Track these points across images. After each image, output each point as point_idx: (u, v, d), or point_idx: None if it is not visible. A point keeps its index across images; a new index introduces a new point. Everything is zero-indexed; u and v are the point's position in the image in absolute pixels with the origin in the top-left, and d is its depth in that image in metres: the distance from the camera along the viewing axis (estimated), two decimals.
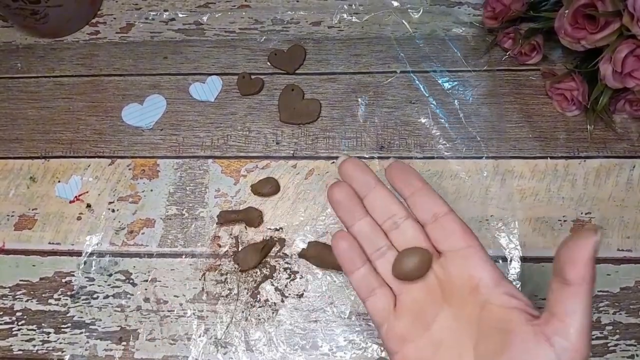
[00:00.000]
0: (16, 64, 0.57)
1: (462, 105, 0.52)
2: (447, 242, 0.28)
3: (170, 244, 0.48)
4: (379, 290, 0.29)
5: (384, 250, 0.29)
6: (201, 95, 0.53)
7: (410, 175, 0.30)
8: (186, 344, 0.45)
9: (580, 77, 0.48)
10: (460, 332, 0.26)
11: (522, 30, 0.50)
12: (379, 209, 0.30)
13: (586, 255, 0.22)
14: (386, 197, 0.30)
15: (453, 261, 0.27)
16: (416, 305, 0.28)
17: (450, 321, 0.27)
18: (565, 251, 0.23)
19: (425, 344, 0.27)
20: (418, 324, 0.28)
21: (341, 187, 0.30)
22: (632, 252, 0.46)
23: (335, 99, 0.53)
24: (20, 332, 0.46)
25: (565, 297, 0.23)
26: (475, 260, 0.27)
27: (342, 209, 0.30)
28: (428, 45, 0.55)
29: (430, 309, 0.28)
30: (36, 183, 0.51)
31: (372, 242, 0.30)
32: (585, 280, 0.22)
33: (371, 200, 0.30)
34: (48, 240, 0.49)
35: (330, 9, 0.57)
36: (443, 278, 0.28)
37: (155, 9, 0.59)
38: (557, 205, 0.48)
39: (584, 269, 0.22)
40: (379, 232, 0.30)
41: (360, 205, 0.30)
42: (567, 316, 0.23)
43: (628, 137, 0.50)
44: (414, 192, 0.29)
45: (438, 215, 0.28)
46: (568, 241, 0.23)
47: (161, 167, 0.51)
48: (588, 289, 0.23)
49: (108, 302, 0.47)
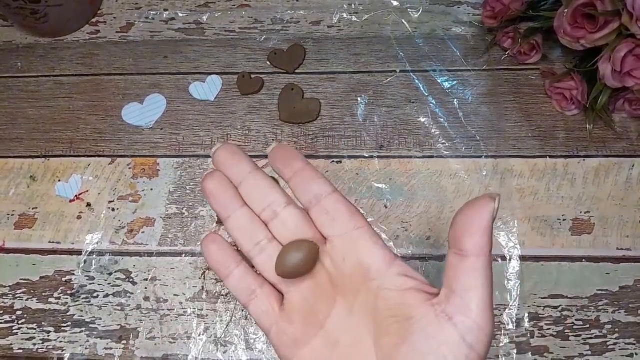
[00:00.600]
0: (16, 64, 0.57)
1: (461, 105, 0.52)
2: (333, 226, 0.25)
3: (170, 243, 0.48)
4: (259, 291, 0.26)
5: (264, 245, 0.26)
6: (201, 95, 0.53)
7: (291, 156, 0.26)
8: (186, 343, 0.45)
9: (579, 77, 0.48)
10: (357, 327, 0.24)
11: (521, 29, 0.50)
12: (256, 197, 0.26)
13: (484, 223, 0.21)
14: (263, 183, 0.27)
15: (341, 247, 0.25)
16: (306, 303, 0.25)
17: (344, 316, 0.25)
18: (461, 220, 0.22)
19: (321, 345, 0.25)
20: (310, 324, 0.25)
21: (214, 177, 0.27)
22: (632, 251, 0.46)
23: (335, 98, 0.53)
24: (20, 330, 0.46)
25: (464, 271, 0.21)
26: (363, 243, 0.24)
27: (216, 201, 0.27)
28: (428, 45, 0.55)
29: (322, 306, 0.25)
30: (36, 182, 0.52)
31: (250, 236, 0.26)
32: (483, 252, 0.21)
33: (246, 188, 0.27)
34: (48, 239, 0.49)
35: (330, 9, 0.58)
36: (332, 269, 0.25)
37: (155, 8, 0.59)
38: (556, 204, 0.48)
39: (481, 238, 0.21)
40: (258, 223, 0.27)
41: (235, 196, 0.27)
42: (466, 292, 0.21)
43: (627, 136, 0.50)
44: (295, 174, 0.26)
45: (321, 197, 0.25)
46: (464, 209, 0.22)
47: (161, 166, 0.51)
48: (487, 261, 0.21)
49: (108, 301, 0.47)
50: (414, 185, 0.49)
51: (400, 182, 0.49)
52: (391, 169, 0.50)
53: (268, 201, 0.26)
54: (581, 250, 0.46)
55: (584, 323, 0.44)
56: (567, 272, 0.46)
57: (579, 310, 0.44)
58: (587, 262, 0.46)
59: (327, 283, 0.25)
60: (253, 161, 0.28)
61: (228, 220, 0.27)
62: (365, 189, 0.49)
